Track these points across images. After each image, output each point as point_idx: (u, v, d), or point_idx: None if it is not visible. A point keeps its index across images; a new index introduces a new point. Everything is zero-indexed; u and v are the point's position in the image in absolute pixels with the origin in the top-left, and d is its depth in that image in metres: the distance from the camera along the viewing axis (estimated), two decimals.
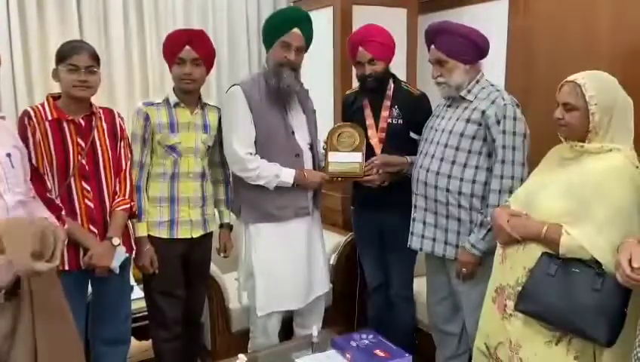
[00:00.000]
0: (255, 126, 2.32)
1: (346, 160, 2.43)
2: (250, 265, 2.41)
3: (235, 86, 2.36)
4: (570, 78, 1.74)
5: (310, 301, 2.51)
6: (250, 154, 2.31)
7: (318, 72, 3.41)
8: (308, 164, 2.43)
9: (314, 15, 3.39)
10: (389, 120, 2.50)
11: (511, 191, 2.03)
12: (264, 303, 2.40)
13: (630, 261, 1.44)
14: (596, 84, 1.69)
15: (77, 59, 2.03)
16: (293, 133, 2.39)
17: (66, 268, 2.05)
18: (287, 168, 2.33)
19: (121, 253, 2.14)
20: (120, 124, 2.23)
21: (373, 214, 2.57)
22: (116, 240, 2.10)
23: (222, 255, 2.59)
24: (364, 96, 2.57)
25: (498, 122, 2.07)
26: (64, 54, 2.04)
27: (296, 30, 2.31)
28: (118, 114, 2.26)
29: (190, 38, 2.27)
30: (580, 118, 1.71)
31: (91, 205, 2.10)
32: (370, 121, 2.53)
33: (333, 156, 2.43)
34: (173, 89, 2.34)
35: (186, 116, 2.32)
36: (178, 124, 2.30)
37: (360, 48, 2.45)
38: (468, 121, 2.15)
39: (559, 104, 1.76)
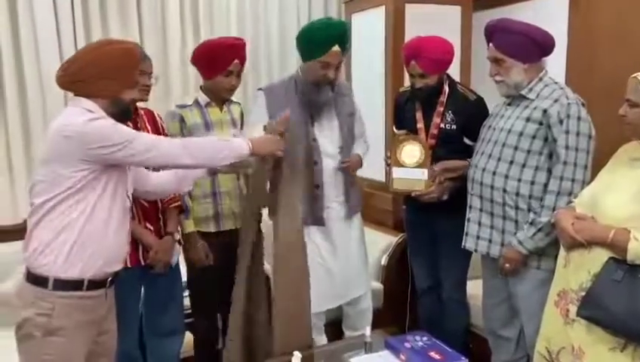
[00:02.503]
0: None
1: (411, 176, 2.41)
2: None
3: (259, 90, 2.42)
4: (637, 74, 1.68)
5: (346, 302, 2.52)
6: None
7: (370, 71, 3.41)
8: (333, 167, 2.45)
9: (366, 14, 3.42)
10: (442, 125, 2.46)
11: (569, 194, 1.97)
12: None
13: None
14: None
15: (146, 65, 2.11)
16: (314, 140, 2.40)
17: (128, 265, 2.12)
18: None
19: (177, 248, 2.24)
20: (161, 125, 2.31)
21: (426, 214, 2.54)
22: (177, 236, 2.18)
23: None
24: (417, 100, 2.54)
25: (561, 121, 2.01)
26: None
27: (335, 48, 2.28)
28: (158, 114, 2.34)
29: (237, 51, 2.33)
30: None
31: (146, 204, 2.18)
32: (420, 125, 2.51)
33: (397, 172, 2.42)
34: (201, 88, 2.41)
35: (217, 114, 2.39)
36: (212, 122, 2.37)
37: (412, 62, 2.41)
38: (528, 119, 2.09)
39: (625, 100, 1.71)
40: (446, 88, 2.48)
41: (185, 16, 3.44)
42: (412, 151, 2.40)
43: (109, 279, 1.78)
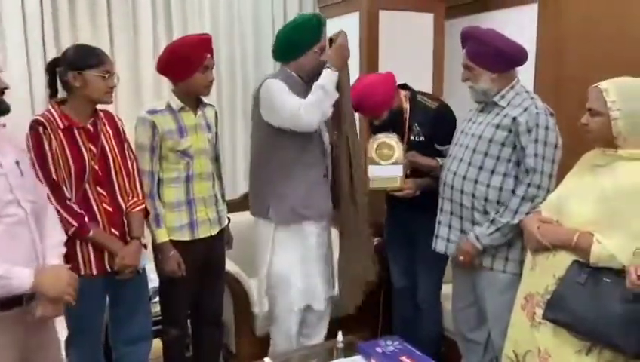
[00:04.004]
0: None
1: (387, 174, 2.43)
2: (279, 266, 2.44)
3: (271, 79, 2.33)
4: (598, 83, 1.71)
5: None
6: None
7: None
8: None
9: (341, 20, 3.43)
10: (411, 137, 2.52)
11: (533, 200, 2.01)
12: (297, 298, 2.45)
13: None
14: (620, 90, 1.66)
15: (110, 65, 2.05)
16: (321, 130, 2.41)
17: (94, 272, 2.06)
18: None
19: (144, 253, 2.18)
20: (122, 127, 2.23)
21: (405, 216, 2.59)
22: (143, 240, 2.14)
23: (225, 248, 2.59)
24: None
25: (529, 130, 2.04)
26: (96, 60, 2.03)
27: (324, 31, 2.39)
28: (117, 116, 2.28)
29: (208, 45, 2.29)
30: (603, 123, 1.68)
31: (110, 209, 2.10)
32: None
33: (372, 171, 2.43)
34: (173, 92, 2.32)
35: (191, 119, 2.33)
36: (186, 128, 2.30)
37: (359, 110, 2.48)
38: (498, 126, 2.12)
39: (587, 110, 1.74)
40: (406, 106, 2.52)
41: (157, 20, 3.39)
42: (387, 148, 2.43)
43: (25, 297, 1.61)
